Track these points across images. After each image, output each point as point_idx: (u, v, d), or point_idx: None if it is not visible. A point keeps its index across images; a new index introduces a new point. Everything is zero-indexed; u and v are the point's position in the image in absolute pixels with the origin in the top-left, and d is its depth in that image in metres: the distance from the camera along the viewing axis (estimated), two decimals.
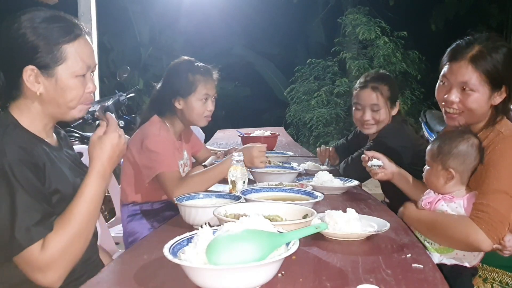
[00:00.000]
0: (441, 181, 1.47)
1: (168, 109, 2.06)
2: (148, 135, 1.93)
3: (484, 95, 1.48)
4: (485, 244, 1.33)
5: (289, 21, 9.38)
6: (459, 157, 1.44)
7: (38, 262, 1.10)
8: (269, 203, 1.40)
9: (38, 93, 1.21)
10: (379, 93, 2.25)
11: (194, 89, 2.02)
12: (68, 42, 1.21)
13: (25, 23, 1.18)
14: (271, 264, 0.90)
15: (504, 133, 1.44)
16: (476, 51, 1.47)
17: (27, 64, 1.18)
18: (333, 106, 7.75)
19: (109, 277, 1.04)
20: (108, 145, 1.23)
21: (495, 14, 8.72)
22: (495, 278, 1.49)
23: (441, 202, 1.47)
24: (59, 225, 1.15)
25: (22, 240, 1.08)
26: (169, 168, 1.86)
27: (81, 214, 1.18)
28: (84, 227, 1.18)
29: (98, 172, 1.22)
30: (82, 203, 1.19)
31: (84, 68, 1.25)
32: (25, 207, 1.10)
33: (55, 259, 1.12)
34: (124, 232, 2.10)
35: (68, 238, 1.14)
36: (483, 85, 1.47)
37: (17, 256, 1.10)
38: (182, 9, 8.75)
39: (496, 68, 1.46)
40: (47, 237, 1.11)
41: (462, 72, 1.48)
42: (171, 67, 2.13)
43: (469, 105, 1.49)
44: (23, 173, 1.12)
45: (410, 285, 0.97)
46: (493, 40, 1.50)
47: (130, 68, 5.36)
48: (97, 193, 1.21)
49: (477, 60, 1.46)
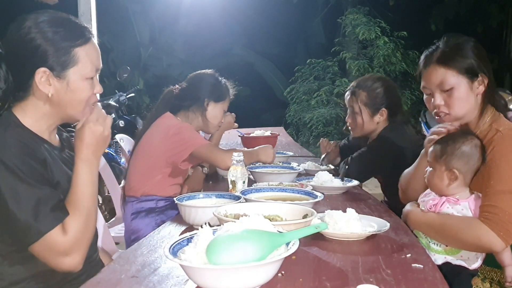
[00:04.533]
0: (445, 182, 1.46)
1: (184, 108, 2.17)
2: (171, 125, 2.06)
3: (464, 88, 1.52)
4: (498, 245, 1.33)
5: (289, 21, 9.38)
6: (463, 158, 1.44)
7: (63, 245, 1.13)
8: (269, 203, 1.40)
9: (50, 95, 1.23)
10: (355, 98, 2.28)
11: (224, 99, 2.22)
12: (80, 46, 1.24)
13: (34, 27, 1.20)
14: (271, 264, 0.90)
15: (502, 132, 1.44)
16: (439, 53, 1.56)
17: (39, 67, 1.20)
18: (333, 106, 7.76)
19: (109, 277, 1.04)
20: (86, 133, 1.24)
21: (495, 14, 8.72)
22: (494, 278, 1.49)
23: (446, 204, 1.46)
24: (70, 208, 1.17)
25: (42, 226, 1.10)
26: (203, 141, 2.02)
27: (84, 196, 1.21)
28: (90, 207, 1.22)
29: (81, 159, 1.23)
30: (80, 188, 1.21)
31: (93, 71, 1.29)
32: (35, 196, 1.12)
33: (78, 240, 1.15)
34: (126, 230, 2.10)
35: (83, 219, 1.18)
36: (459, 79, 1.52)
37: (37, 242, 1.11)
38: (182, 9, 8.76)
39: (465, 58, 1.51)
40: (66, 220, 1.14)
41: (435, 76, 1.55)
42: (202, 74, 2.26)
43: (455, 103, 1.53)
44: (27, 164, 1.13)
45: (410, 285, 0.97)
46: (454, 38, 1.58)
47: (130, 68, 5.37)
48: (88, 178, 1.23)
49: (443, 59, 1.54)
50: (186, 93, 2.17)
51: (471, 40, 1.57)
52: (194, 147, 1.96)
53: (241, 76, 2.56)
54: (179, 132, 2.01)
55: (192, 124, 2.15)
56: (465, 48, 1.53)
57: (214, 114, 2.19)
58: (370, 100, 2.25)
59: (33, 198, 1.11)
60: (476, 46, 1.55)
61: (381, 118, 2.26)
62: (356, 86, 2.32)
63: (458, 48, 1.54)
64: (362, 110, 2.26)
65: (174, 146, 2.00)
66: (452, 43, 1.56)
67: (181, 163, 2.01)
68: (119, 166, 4.06)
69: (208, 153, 1.98)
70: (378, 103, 2.26)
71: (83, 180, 1.22)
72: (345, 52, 7.78)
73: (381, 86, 2.28)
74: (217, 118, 2.21)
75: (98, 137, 1.25)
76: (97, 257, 1.44)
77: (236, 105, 2.29)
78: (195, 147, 1.97)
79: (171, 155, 2.01)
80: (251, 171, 2.09)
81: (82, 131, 1.24)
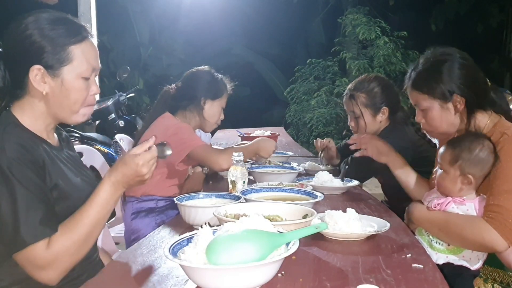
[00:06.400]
0: (457, 186, 1.46)
1: (182, 108, 2.15)
2: (170, 125, 2.05)
3: (437, 110, 1.57)
4: (500, 244, 1.33)
5: (289, 21, 9.37)
6: (479, 164, 1.43)
7: (42, 260, 1.11)
8: (269, 203, 1.40)
9: (44, 93, 1.22)
10: (354, 102, 2.28)
11: (221, 95, 2.19)
12: (75, 44, 1.23)
13: (32, 24, 1.20)
14: (271, 264, 0.90)
15: (508, 134, 1.45)
16: (415, 75, 1.61)
17: (34, 64, 1.19)
18: (333, 106, 7.75)
19: (109, 277, 1.05)
20: (133, 163, 1.21)
21: (495, 14, 8.71)
22: (496, 279, 1.48)
23: (452, 204, 1.45)
24: (67, 227, 1.15)
25: (27, 237, 1.09)
26: (199, 142, 1.99)
27: (90, 219, 1.18)
28: (91, 232, 1.18)
29: (111, 181, 1.21)
30: (92, 208, 1.18)
31: (89, 70, 1.27)
32: (26, 205, 1.10)
33: (58, 259, 1.13)
34: (126, 230, 2.10)
35: (74, 241, 1.15)
36: (431, 103, 1.58)
37: (20, 252, 1.10)
38: (182, 9, 8.76)
39: (437, 84, 1.54)
40: (53, 237, 1.12)
41: (411, 97, 1.65)
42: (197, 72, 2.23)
43: (431, 122, 1.61)
44: (22, 171, 1.12)
45: (410, 285, 0.97)
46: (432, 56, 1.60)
47: (130, 68, 5.37)
48: (107, 201, 1.21)
49: (416, 84, 1.61)
50: (182, 93, 2.16)
51: (452, 58, 1.55)
52: (191, 148, 1.96)
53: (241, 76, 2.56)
54: (177, 133, 2.00)
55: (191, 123, 2.15)
56: (440, 71, 1.54)
57: (212, 112, 2.17)
58: (370, 101, 2.25)
59: (25, 206, 1.10)
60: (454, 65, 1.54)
61: (383, 116, 2.27)
62: (353, 89, 2.31)
63: (432, 71, 1.57)
64: (364, 112, 2.26)
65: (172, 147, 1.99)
66: (428, 65, 1.59)
67: (178, 163, 2.01)
68: None
69: (204, 154, 1.96)
70: (378, 102, 2.26)
71: (100, 200, 1.19)
72: (345, 52, 7.77)
73: (378, 85, 2.29)
74: (215, 116, 2.20)
75: (138, 175, 1.22)
76: (97, 257, 1.44)
77: (236, 105, 2.28)
78: (192, 148, 1.96)
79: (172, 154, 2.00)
80: (251, 171, 2.09)
81: (131, 159, 1.21)
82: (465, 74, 1.54)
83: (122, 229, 2.29)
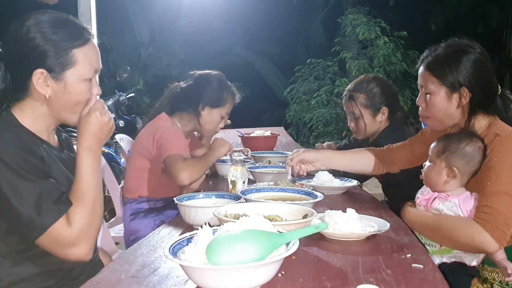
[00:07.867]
0: (442, 178, 1.48)
1: (181, 109, 2.11)
2: (159, 127, 2.00)
3: (441, 97, 1.54)
4: (491, 245, 1.33)
5: (289, 21, 9.38)
6: (465, 158, 1.45)
7: (69, 237, 1.13)
8: (269, 203, 1.40)
9: (47, 96, 1.22)
10: (354, 102, 2.28)
11: (223, 105, 2.12)
12: (77, 47, 1.23)
13: (34, 27, 1.19)
14: (271, 264, 0.90)
15: (500, 135, 1.44)
16: (433, 58, 1.57)
17: (37, 68, 1.19)
18: (333, 106, 7.75)
19: (109, 277, 1.04)
20: (92, 121, 1.23)
21: (495, 14, 8.72)
22: (495, 278, 1.49)
23: (437, 200, 1.48)
24: (75, 199, 1.17)
25: (45, 219, 1.10)
26: (174, 151, 1.88)
27: (89, 186, 1.20)
28: (96, 197, 1.21)
29: (85, 149, 1.23)
30: (84, 178, 1.21)
31: (92, 72, 1.27)
32: (36, 190, 1.12)
33: (84, 230, 1.15)
34: (125, 230, 2.10)
35: (88, 210, 1.17)
36: (438, 88, 1.54)
37: (42, 236, 1.11)
38: (182, 9, 8.75)
39: (452, 73, 1.51)
40: (69, 212, 1.14)
41: (420, 77, 1.61)
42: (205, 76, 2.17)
43: (430, 107, 1.57)
44: (26, 161, 1.13)
45: (410, 285, 0.97)
46: (456, 45, 1.56)
47: (130, 68, 5.36)
48: (93, 168, 1.23)
49: (431, 66, 1.56)
50: (185, 94, 2.13)
51: (474, 52, 1.52)
52: (165, 154, 1.88)
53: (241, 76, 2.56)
54: (162, 137, 1.95)
55: (186, 126, 2.12)
56: (459, 61, 1.51)
57: (209, 119, 2.11)
58: (369, 101, 2.25)
59: (35, 193, 1.11)
60: (473, 59, 1.50)
61: (383, 117, 2.27)
62: (352, 90, 2.31)
63: (452, 59, 1.52)
64: (363, 112, 2.26)
65: (156, 149, 1.96)
66: (449, 51, 1.54)
67: None
68: (119, 166, 4.06)
69: (169, 165, 1.84)
70: (378, 102, 2.26)
71: (87, 170, 1.22)
72: (345, 52, 7.77)
73: (377, 85, 2.29)
74: (212, 124, 2.13)
75: (104, 127, 1.24)
76: (97, 257, 1.44)
77: (236, 105, 2.26)
78: (166, 154, 1.88)
79: (155, 157, 1.97)
80: (251, 171, 2.08)
81: (87, 119, 1.23)
82: (479, 71, 1.52)
83: (122, 229, 2.29)
